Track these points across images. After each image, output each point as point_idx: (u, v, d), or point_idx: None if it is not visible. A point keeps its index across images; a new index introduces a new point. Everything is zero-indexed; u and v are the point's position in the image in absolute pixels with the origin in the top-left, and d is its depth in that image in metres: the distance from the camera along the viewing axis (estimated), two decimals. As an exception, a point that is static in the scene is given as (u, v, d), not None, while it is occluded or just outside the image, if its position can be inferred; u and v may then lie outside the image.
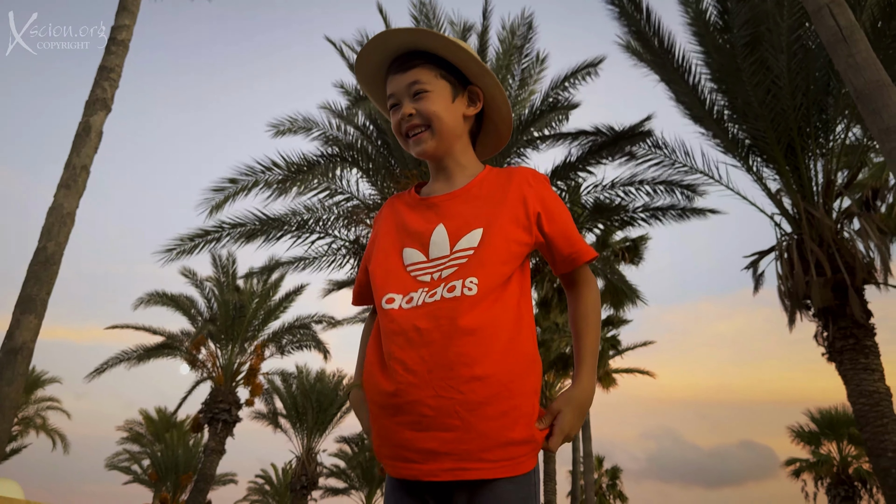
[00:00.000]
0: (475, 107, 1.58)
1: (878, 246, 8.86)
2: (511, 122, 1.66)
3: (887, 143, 4.67)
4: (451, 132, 1.52)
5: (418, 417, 1.26)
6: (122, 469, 30.18)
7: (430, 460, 1.24)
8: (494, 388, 1.26)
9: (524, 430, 1.28)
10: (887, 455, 8.15)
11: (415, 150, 1.53)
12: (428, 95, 1.50)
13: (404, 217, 1.52)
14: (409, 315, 1.33)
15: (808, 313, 9.36)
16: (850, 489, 21.97)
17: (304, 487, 23.59)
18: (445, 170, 1.55)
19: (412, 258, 1.42)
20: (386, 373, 1.32)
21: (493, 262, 1.35)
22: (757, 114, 9.40)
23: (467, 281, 1.32)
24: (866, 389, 8.49)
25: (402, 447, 1.27)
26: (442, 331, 1.29)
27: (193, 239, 11.10)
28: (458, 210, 1.46)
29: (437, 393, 1.25)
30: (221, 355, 18.67)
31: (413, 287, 1.37)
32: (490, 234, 1.38)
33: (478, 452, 1.23)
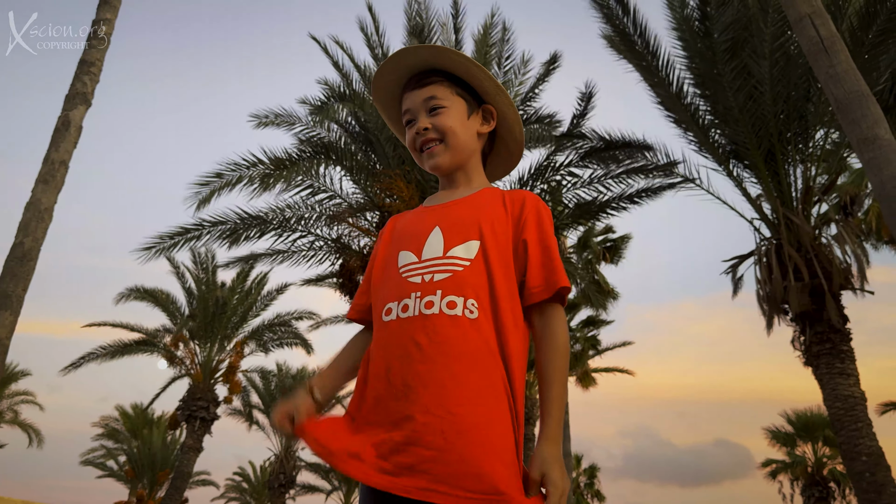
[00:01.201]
0: (489, 125, 1.60)
1: (855, 252, 8.98)
2: (523, 143, 1.68)
3: (866, 153, 4.72)
4: (464, 148, 1.55)
5: (406, 432, 1.24)
6: (97, 465, 29.87)
7: (406, 475, 1.20)
8: (485, 416, 1.24)
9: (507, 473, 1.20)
10: (861, 459, 8.27)
11: (428, 162, 1.55)
12: (444, 111, 1.53)
13: (405, 225, 1.54)
14: (407, 327, 1.32)
15: (786, 317, 9.47)
16: (825, 490, 22.27)
17: (283, 486, 23.54)
18: (454, 181, 1.58)
19: (405, 259, 1.42)
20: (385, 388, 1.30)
21: (490, 282, 1.35)
22: (738, 119, 9.49)
23: (468, 302, 1.31)
24: (841, 394, 8.60)
25: (383, 457, 1.24)
26: (441, 349, 1.28)
27: (174, 237, 11.01)
28: (455, 215, 1.47)
29: (427, 409, 1.24)
30: (200, 352, 18.52)
31: (405, 291, 1.36)
32: (488, 252, 1.38)
33: (454, 478, 1.18)
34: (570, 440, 22.19)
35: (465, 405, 1.24)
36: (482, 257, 1.37)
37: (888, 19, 8.37)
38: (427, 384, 1.26)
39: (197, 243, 11.25)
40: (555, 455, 1.27)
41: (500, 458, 1.22)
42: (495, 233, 1.41)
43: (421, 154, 1.56)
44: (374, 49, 11.26)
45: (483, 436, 1.22)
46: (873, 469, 8.19)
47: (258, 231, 11.58)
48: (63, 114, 7.83)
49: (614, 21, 9.95)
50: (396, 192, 10.17)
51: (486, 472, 1.19)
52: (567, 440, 22.27)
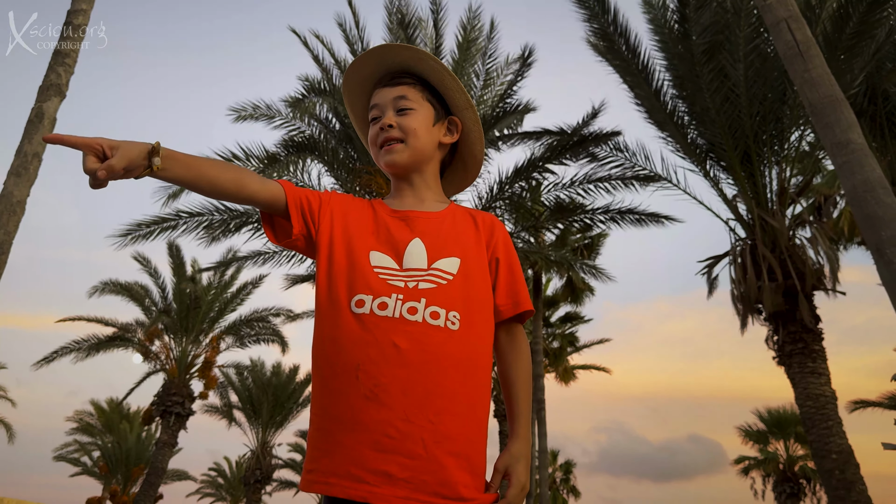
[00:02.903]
0: (452, 137, 1.61)
1: (828, 253, 9.11)
2: (481, 162, 1.69)
3: (839, 157, 4.79)
4: (423, 152, 1.55)
5: (381, 437, 1.22)
6: (70, 461, 29.52)
7: (386, 484, 1.19)
8: (464, 426, 1.27)
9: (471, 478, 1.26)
10: (831, 457, 8.41)
11: (385, 158, 1.53)
12: (411, 113, 1.54)
13: (377, 222, 1.48)
14: (385, 327, 1.29)
15: (760, 317, 9.60)
16: (796, 486, 22.60)
17: (259, 481, 23.41)
18: (413, 187, 1.57)
19: (382, 262, 1.39)
20: (352, 385, 1.26)
21: (472, 299, 1.38)
22: (714, 120, 9.59)
23: (450, 314, 1.33)
24: (813, 393, 8.74)
25: (357, 465, 1.21)
26: (423, 357, 1.28)
27: (150, 225, 10.90)
28: (434, 231, 1.46)
29: (406, 417, 1.23)
30: (175, 347, 18.35)
31: (384, 290, 1.33)
32: (468, 268, 1.41)
33: (434, 486, 1.20)
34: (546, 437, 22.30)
35: (446, 415, 1.25)
36: (463, 274, 1.39)
37: (861, 21, 8.48)
38: (407, 390, 1.24)
39: (173, 233, 11.15)
40: (523, 453, 1.34)
41: (474, 465, 1.27)
42: (472, 251, 1.45)
43: (379, 150, 1.54)
44: (354, 45, 11.22)
45: (461, 446, 1.25)
46: (843, 467, 8.33)
47: (237, 223, 11.50)
48: (36, 105, 7.70)
49: (596, 21, 10.01)
50: (376, 188, 10.15)
51: (462, 481, 1.23)
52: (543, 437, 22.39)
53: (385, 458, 1.21)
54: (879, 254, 4.47)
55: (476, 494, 1.25)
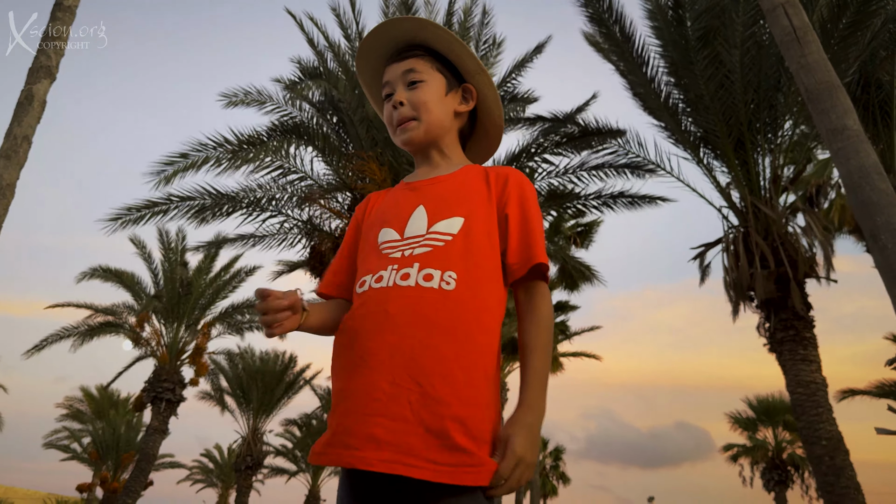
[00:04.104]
0: (467, 104, 1.58)
1: (821, 241, 9.14)
2: (502, 127, 1.65)
3: (834, 144, 4.79)
4: (439, 124, 1.52)
5: (367, 401, 1.20)
6: (60, 447, 29.44)
7: (370, 447, 1.16)
8: (457, 389, 1.20)
9: (472, 442, 1.17)
10: (821, 443, 8.47)
11: (400, 137, 1.53)
12: (422, 86, 1.51)
13: (386, 202, 1.53)
14: (379, 297, 1.30)
15: (752, 304, 9.63)
16: (784, 473, 22.82)
17: (250, 468, 23.45)
18: (430, 160, 1.56)
19: (386, 236, 1.40)
20: (348, 354, 1.29)
21: (472, 257, 1.33)
22: (709, 107, 9.57)
23: (445, 274, 1.29)
24: (804, 380, 8.79)
25: (347, 432, 1.20)
26: (411, 319, 1.25)
27: (141, 209, 10.80)
28: (439, 194, 1.44)
29: (394, 380, 1.20)
30: (166, 333, 18.28)
31: (383, 265, 1.35)
32: (471, 226, 1.36)
33: (421, 450, 1.15)
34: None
35: (436, 378, 1.20)
36: (465, 233, 1.35)
37: (857, 11, 8.48)
38: (394, 354, 1.22)
39: (164, 218, 11.06)
40: (527, 422, 1.22)
41: (472, 430, 1.18)
42: (480, 209, 1.40)
43: (396, 130, 1.54)
44: (348, 29, 11.11)
45: (452, 408, 1.18)
46: (832, 453, 8.39)
47: (228, 208, 11.43)
48: (26, 87, 7.60)
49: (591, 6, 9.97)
50: (369, 174, 10.08)
51: (460, 445, 1.16)
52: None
53: (371, 420, 1.19)
54: (874, 240, 4.48)
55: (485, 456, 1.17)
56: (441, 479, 1.13)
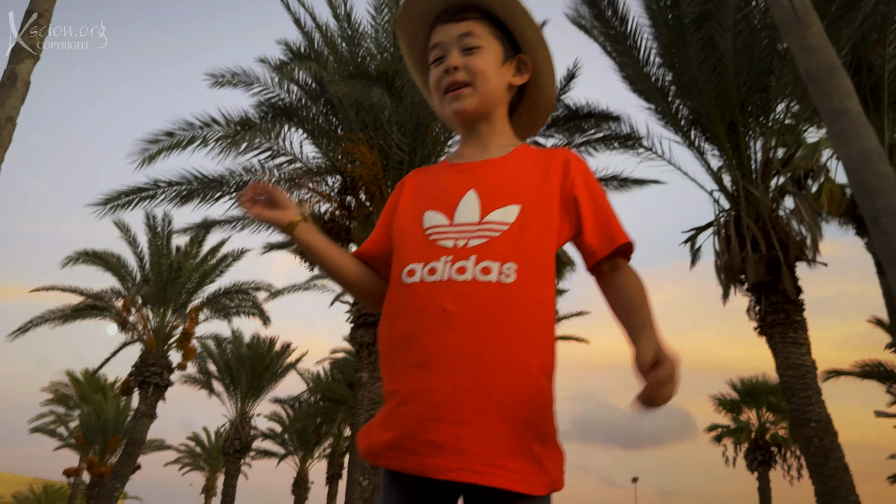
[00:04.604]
0: (521, 77, 1.46)
1: (810, 225, 9.17)
2: (553, 105, 1.54)
3: (835, 126, 4.76)
4: (493, 96, 1.41)
5: (430, 405, 1.14)
6: (47, 432, 29.27)
7: (437, 455, 1.11)
8: (521, 389, 1.15)
9: (539, 446, 1.14)
10: (810, 425, 8.55)
11: (452, 105, 1.39)
12: (479, 52, 1.38)
13: (430, 182, 1.41)
14: (433, 292, 1.21)
15: (742, 288, 9.67)
16: (767, 454, 23.12)
17: (238, 451, 23.44)
18: (479, 136, 1.43)
19: (432, 221, 1.30)
20: (404, 353, 1.21)
21: (531, 248, 1.24)
22: (702, 90, 9.53)
23: (504, 267, 1.20)
24: (794, 362, 8.85)
25: (411, 437, 1.14)
26: (472, 317, 1.17)
27: (128, 194, 10.67)
28: (492, 179, 1.34)
29: (457, 383, 1.14)
30: (153, 318, 18.13)
31: (434, 255, 1.25)
32: (528, 215, 1.27)
33: (490, 456, 1.09)
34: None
35: (499, 376, 1.14)
36: (521, 221, 1.26)
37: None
38: (455, 355, 1.15)
39: (151, 203, 10.93)
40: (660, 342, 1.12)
41: (538, 432, 1.14)
42: (535, 195, 1.30)
43: (444, 96, 1.41)
44: (337, 9, 10.94)
45: (520, 410, 1.13)
46: (822, 435, 8.48)
47: (216, 193, 11.31)
48: (9, 67, 7.43)
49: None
50: (359, 157, 9.98)
51: (529, 449, 1.12)
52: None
53: (435, 427, 1.13)
54: (874, 223, 4.47)
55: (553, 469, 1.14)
56: (512, 487, 1.09)
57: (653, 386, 1.05)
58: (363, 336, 11.37)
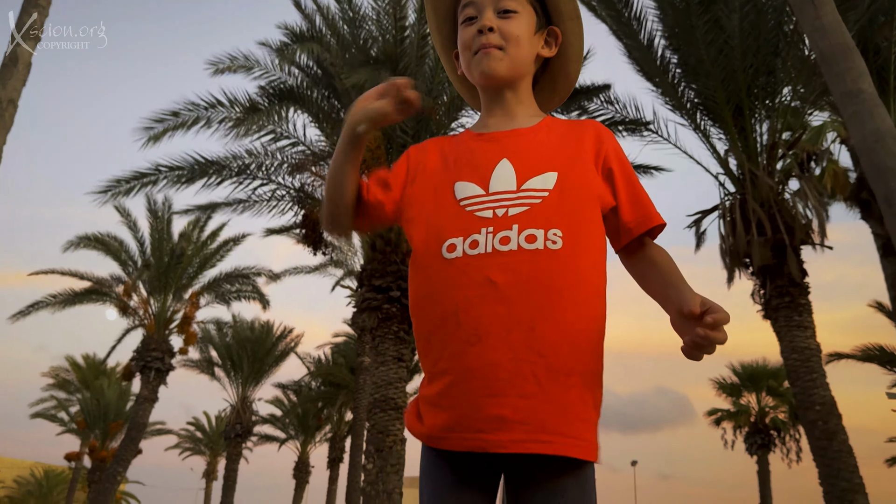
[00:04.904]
0: (550, 50, 1.42)
1: (816, 208, 9.15)
2: (574, 83, 1.50)
3: (849, 107, 4.73)
4: (523, 64, 1.37)
5: (490, 381, 1.11)
6: (48, 416, 29.34)
7: (500, 429, 1.10)
8: (580, 355, 1.15)
9: (595, 413, 1.16)
10: (815, 408, 8.56)
11: (482, 65, 1.34)
12: (515, 17, 1.34)
13: (458, 151, 1.35)
14: (478, 264, 1.17)
15: (747, 271, 9.65)
16: (766, 437, 23.24)
17: (239, 435, 23.53)
18: (504, 105, 1.38)
19: (467, 191, 1.25)
20: (453, 331, 1.17)
21: (575, 213, 1.21)
22: (708, 72, 9.47)
23: (550, 233, 1.17)
24: (798, 346, 8.85)
25: (471, 415, 1.12)
26: (523, 287, 1.14)
27: (129, 181, 10.61)
28: (524, 148, 1.30)
29: (515, 355, 1.11)
30: (154, 303, 18.12)
31: (474, 227, 1.20)
32: (567, 182, 1.24)
33: (555, 424, 1.10)
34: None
35: (557, 347, 1.13)
36: (561, 188, 1.23)
37: (857, -26, 8.38)
38: (510, 327, 1.13)
39: (153, 188, 10.88)
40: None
41: (595, 399, 1.16)
42: (573, 164, 1.27)
43: (474, 56, 1.35)
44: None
45: (577, 378, 1.13)
46: (826, 417, 8.49)
47: (217, 178, 11.25)
48: (10, 49, 7.37)
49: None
50: (363, 140, 9.92)
51: (586, 416, 1.13)
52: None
53: (497, 401, 1.11)
54: (888, 204, 4.44)
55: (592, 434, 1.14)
56: (575, 454, 1.10)
57: (707, 329, 1.07)
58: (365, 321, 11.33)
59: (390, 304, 9.96)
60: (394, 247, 10.25)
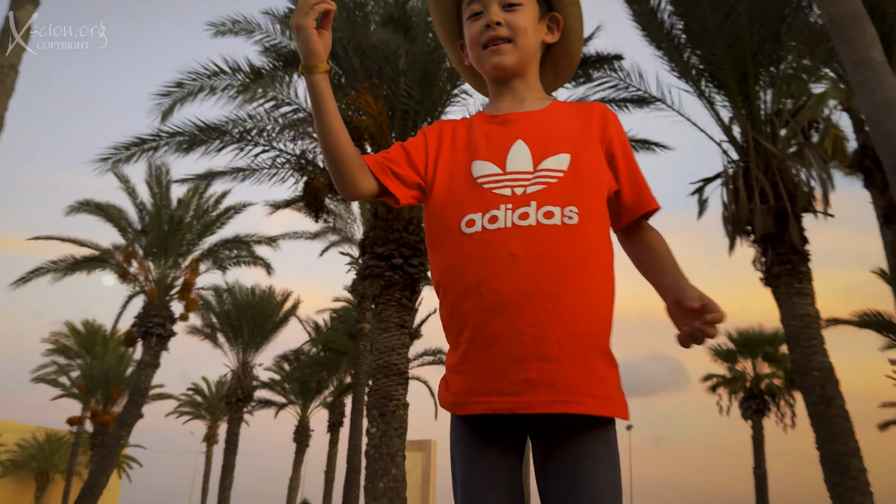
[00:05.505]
0: (553, 36, 1.49)
1: (820, 175, 9.16)
2: (577, 65, 1.57)
3: (858, 74, 4.72)
4: (531, 53, 1.44)
5: (514, 346, 1.19)
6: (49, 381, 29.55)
7: (527, 391, 1.17)
8: (597, 320, 1.23)
9: (614, 372, 1.25)
10: (813, 374, 8.68)
11: (492, 59, 1.41)
12: (520, 9, 1.41)
13: (471, 132, 1.41)
14: (498, 238, 1.25)
15: (749, 239, 9.69)
16: (762, 402, 23.55)
17: (240, 400, 23.79)
18: (514, 91, 1.46)
19: (484, 170, 1.33)
20: (476, 301, 1.23)
21: (587, 192, 1.30)
22: (714, 38, 9.40)
23: (566, 210, 1.25)
24: (798, 312, 8.94)
25: (498, 379, 1.19)
26: (543, 259, 1.22)
27: (130, 147, 10.56)
28: (537, 129, 1.37)
29: (536, 321, 1.19)
30: (154, 269, 18.14)
31: (493, 203, 1.28)
32: (579, 162, 1.32)
33: (580, 385, 1.18)
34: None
35: (576, 313, 1.21)
36: (574, 169, 1.31)
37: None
38: (532, 296, 1.20)
39: (154, 155, 10.84)
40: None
41: (611, 360, 1.25)
42: (583, 145, 1.35)
43: (483, 51, 1.42)
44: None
45: (596, 341, 1.23)
46: (824, 383, 8.61)
47: (218, 144, 11.20)
48: (10, 13, 7.28)
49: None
50: (364, 107, 9.85)
51: (607, 376, 1.22)
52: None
53: (522, 365, 1.18)
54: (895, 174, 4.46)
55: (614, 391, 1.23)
56: (601, 412, 1.18)
57: (703, 323, 1.17)
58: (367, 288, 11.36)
59: (392, 271, 10.00)
60: (396, 214, 10.26)
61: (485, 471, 1.23)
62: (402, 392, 9.77)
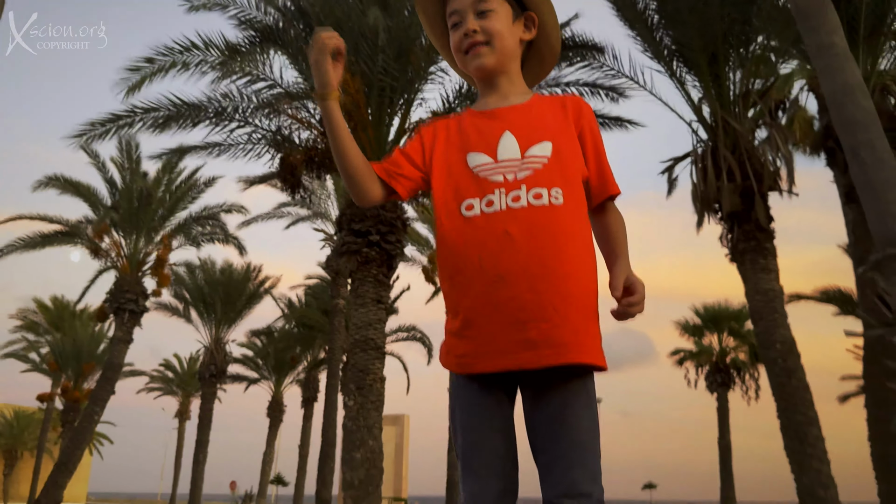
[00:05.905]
0: (530, 33, 1.64)
1: (785, 155, 9.44)
2: (558, 53, 1.73)
3: (822, 59, 4.92)
4: (509, 53, 1.60)
5: (513, 310, 1.36)
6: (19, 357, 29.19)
7: (529, 349, 1.34)
8: (584, 286, 1.41)
9: (599, 329, 1.44)
10: (775, 347, 9.03)
11: (473, 63, 1.58)
12: (492, 14, 1.56)
13: (463, 129, 1.58)
14: (495, 220, 1.42)
15: (716, 216, 9.97)
16: (727, 376, 24.18)
17: (213, 376, 23.78)
18: (499, 88, 1.62)
19: (479, 160, 1.50)
20: (477, 275, 1.41)
21: (569, 175, 1.48)
22: (686, 20, 9.57)
23: (553, 191, 1.43)
24: (762, 287, 9.27)
25: (500, 339, 1.37)
26: (535, 236, 1.39)
27: (105, 124, 10.47)
28: (522, 121, 1.54)
29: (533, 287, 1.36)
30: (126, 245, 18.00)
31: (488, 189, 1.46)
32: (560, 149, 1.49)
33: (572, 341, 1.35)
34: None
35: (568, 280, 1.38)
36: (557, 155, 1.48)
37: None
38: (527, 267, 1.37)
39: (129, 130, 10.76)
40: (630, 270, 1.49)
41: (597, 319, 1.44)
42: (562, 134, 1.53)
43: (465, 56, 1.59)
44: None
45: (585, 303, 1.41)
46: (785, 356, 8.97)
47: (193, 120, 11.14)
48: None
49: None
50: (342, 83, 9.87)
51: (594, 334, 1.41)
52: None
53: (523, 326, 1.36)
54: (854, 155, 4.69)
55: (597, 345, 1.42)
56: (590, 360, 1.37)
57: (624, 306, 1.42)
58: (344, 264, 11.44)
59: (369, 247, 10.10)
60: (373, 191, 10.31)
61: (483, 420, 1.41)
62: (380, 366, 9.93)
